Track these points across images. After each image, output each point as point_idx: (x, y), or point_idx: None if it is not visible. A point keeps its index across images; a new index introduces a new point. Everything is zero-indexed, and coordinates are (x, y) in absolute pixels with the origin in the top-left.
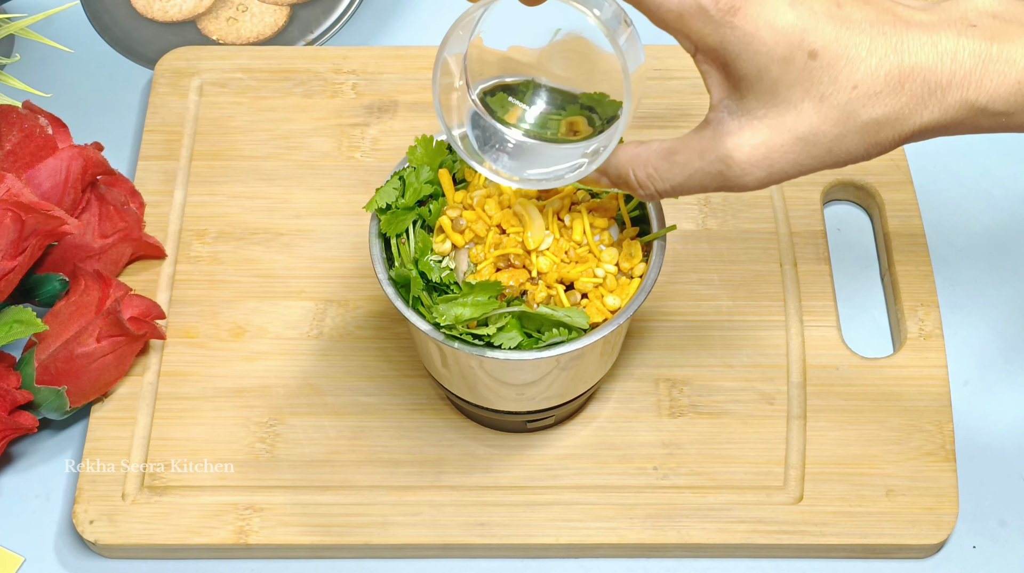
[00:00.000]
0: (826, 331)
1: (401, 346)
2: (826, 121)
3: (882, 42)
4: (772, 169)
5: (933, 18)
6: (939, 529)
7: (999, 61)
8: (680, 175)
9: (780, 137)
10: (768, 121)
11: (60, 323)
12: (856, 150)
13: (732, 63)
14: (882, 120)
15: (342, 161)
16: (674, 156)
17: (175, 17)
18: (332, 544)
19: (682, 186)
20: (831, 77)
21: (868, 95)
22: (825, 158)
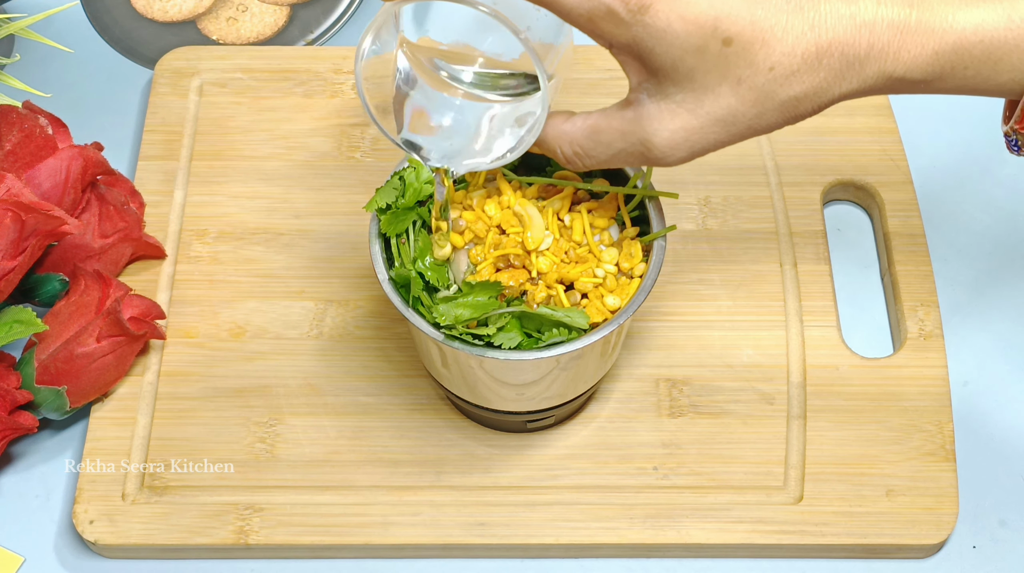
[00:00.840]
0: (826, 331)
1: (401, 346)
2: (744, 102)
3: (799, 19)
4: (693, 149)
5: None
6: (939, 529)
7: (917, 31)
8: (604, 153)
9: (699, 120)
10: (687, 105)
11: (60, 323)
12: (775, 123)
13: (647, 56)
14: (800, 96)
15: (342, 161)
16: (598, 135)
17: (175, 17)
18: (332, 544)
19: (608, 162)
20: (747, 61)
21: (785, 75)
22: (745, 133)
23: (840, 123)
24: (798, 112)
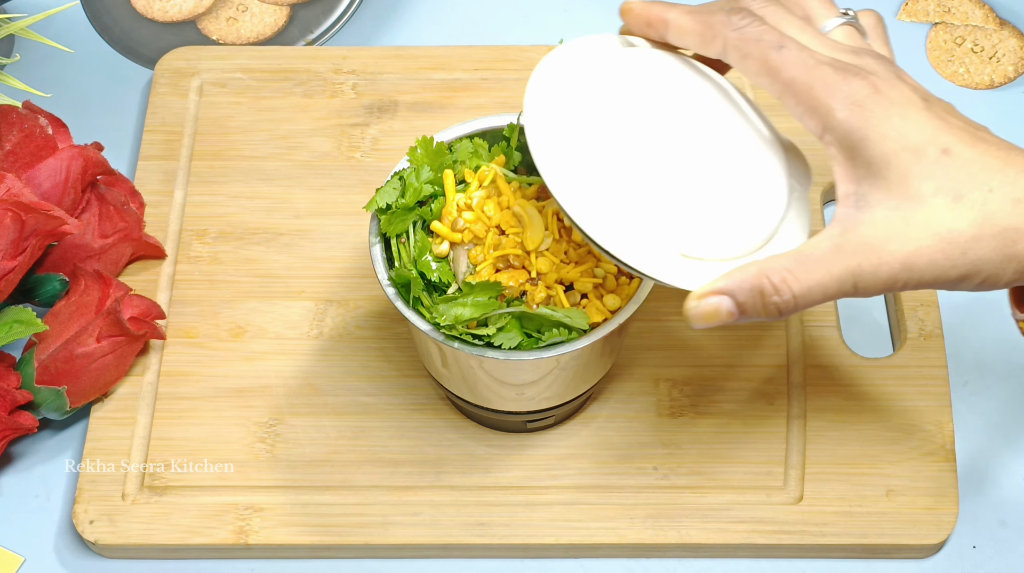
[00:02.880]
0: (826, 331)
1: (401, 346)
2: (960, 220)
3: (1020, 160)
4: (907, 262)
5: None
6: (939, 529)
7: None
8: (816, 274)
9: (914, 230)
10: (901, 213)
11: (60, 323)
12: (992, 258)
13: (859, 147)
14: (1021, 229)
15: (342, 161)
16: (807, 258)
17: (175, 17)
18: (332, 544)
19: (817, 286)
20: (967, 176)
21: (1005, 199)
22: (959, 261)
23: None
24: (1017, 250)
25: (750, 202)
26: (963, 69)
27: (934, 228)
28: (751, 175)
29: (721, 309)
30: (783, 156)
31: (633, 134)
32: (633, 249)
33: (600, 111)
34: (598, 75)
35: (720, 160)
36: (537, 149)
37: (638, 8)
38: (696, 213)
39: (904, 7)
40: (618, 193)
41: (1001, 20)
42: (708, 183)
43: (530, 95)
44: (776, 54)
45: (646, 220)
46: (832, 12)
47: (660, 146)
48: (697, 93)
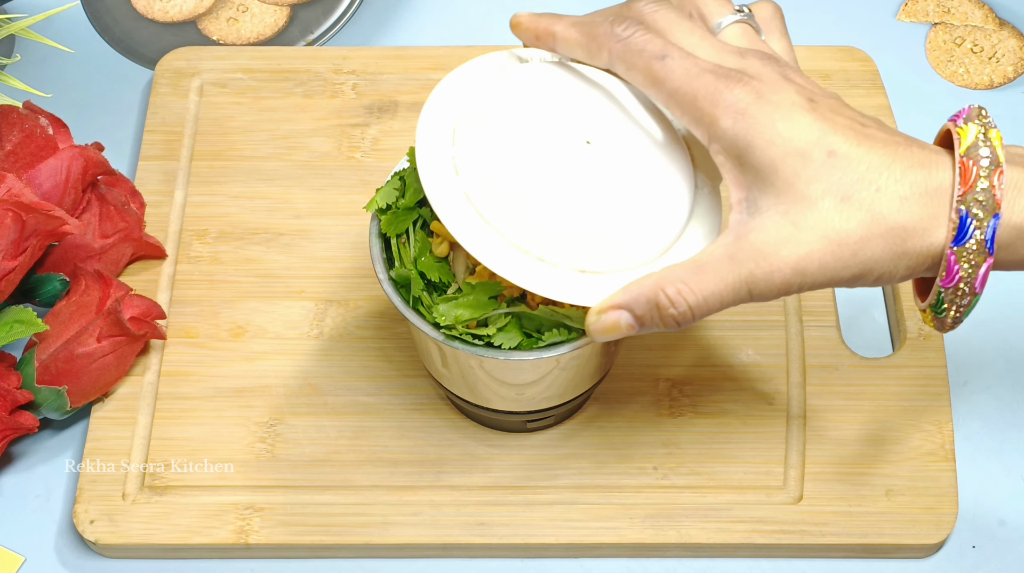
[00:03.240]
0: (826, 331)
1: (401, 346)
2: (849, 220)
3: (907, 155)
4: (798, 267)
5: None
6: (939, 529)
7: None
8: (711, 284)
9: (804, 234)
10: (790, 218)
11: (61, 323)
12: (883, 257)
13: (746, 153)
14: (909, 227)
15: (342, 161)
16: (702, 267)
17: (175, 17)
18: (332, 544)
19: (712, 295)
20: (853, 176)
21: (893, 197)
22: (850, 262)
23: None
24: (906, 248)
25: (648, 210)
26: (963, 69)
27: (823, 231)
28: (648, 182)
29: (620, 323)
30: (686, 156)
31: (523, 152)
32: (528, 270)
33: (491, 132)
34: (489, 96)
35: (615, 170)
36: (427, 175)
37: (526, 22)
38: (591, 227)
39: (904, 7)
40: (511, 214)
41: (1001, 20)
42: (602, 196)
43: (422, 123)
44: (659, 65)
45: (540, 239)
46: (725, 9)
47: (551, 162)
48: (590, 103)
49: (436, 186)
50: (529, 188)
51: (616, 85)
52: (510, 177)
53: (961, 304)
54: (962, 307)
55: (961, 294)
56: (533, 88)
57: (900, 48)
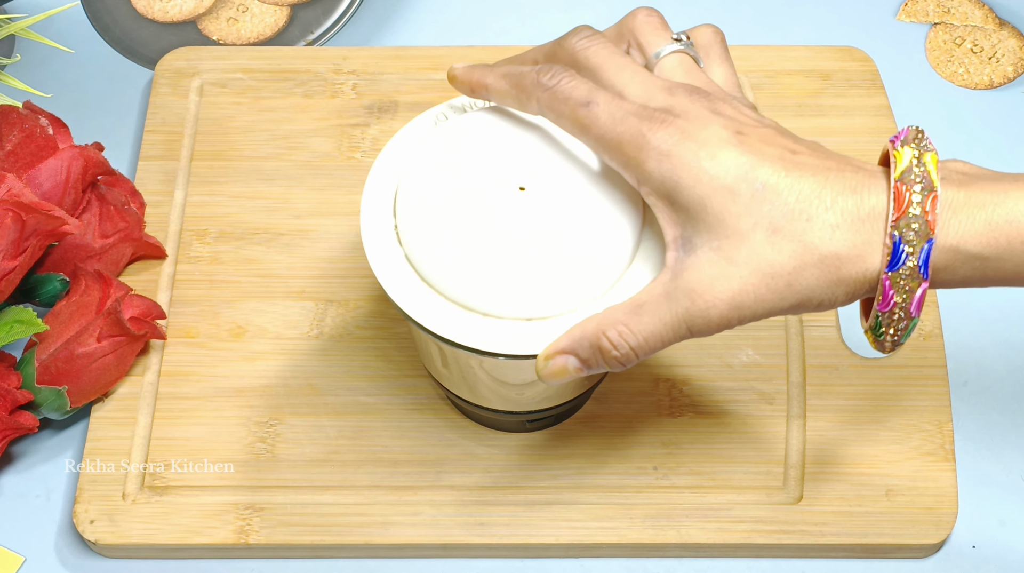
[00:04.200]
0: (826, 331)
1: (401, 346)
2: (781, 253)
3: (838, 181)
4: (734, 302)
5: None
6: (938, 529)
7: (968, 205)
8: (649, 324)
9: (737, 268)
10: (723, 253)
11: (61, 323)
12: (818, 285)
13: (674, 193)
14: (843, 255)
15: (342, 161)
16: (641, 308)
17: (175, 17)
18: (332, 544)
19: (652, 335)
20: (782, 210)
21: (823, 226)
22: (786, 293)
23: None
24: (842, 275)
25: (588, 250)
26: (962, 69)
27: (755, 264)
28: (587, 222)
29: (568, 367)
30: (630, 190)
31: (457, 210)
32: (473, 328)
33: (424, 196)
34: (422, 157)
35: (551, 214)
36: (370, 246)
37: (461, 75)
38: (531, 275)
39: (904, 7)
40: (452, 275)
41: (1001, 20)
42: (539, 241)
43: (365, 197)
44: (584, 111)
45: (483, 295)
46: (663, 39)
47: (485, 216)
48: (523, 149)
49: (379, 257)
50: (466, 246)
51: (550, 122)
52: (446, 238)
53: (899, 327)
54: (900, 330)
55: (898, 318)
56: (463, 142)
57: (900, 48)
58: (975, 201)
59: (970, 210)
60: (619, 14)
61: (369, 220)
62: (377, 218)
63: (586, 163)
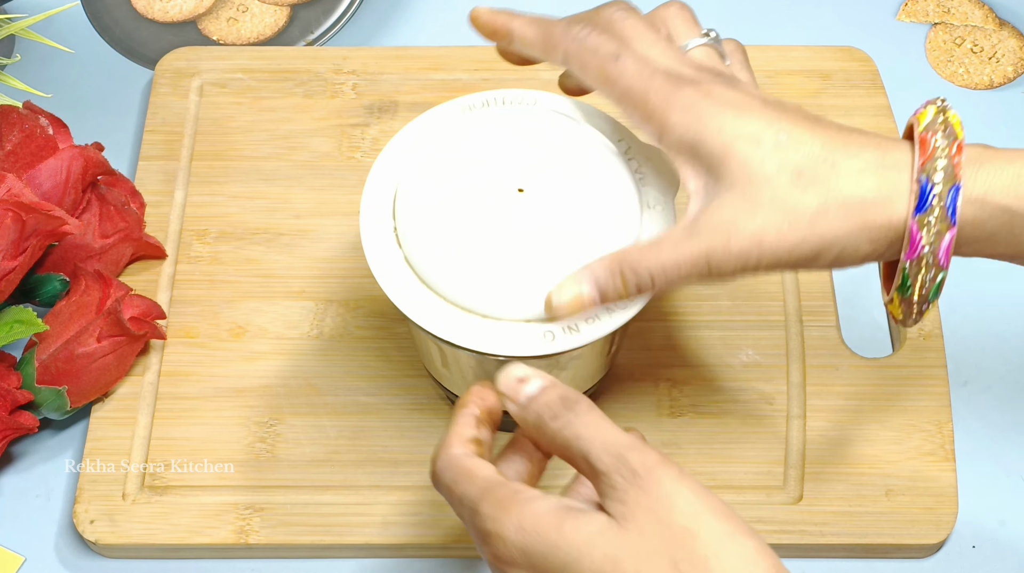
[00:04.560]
0: (826, 331)
1: (401, 346)
2: (805, 193)
3: (861, 138)
4: (755, 237)
5: None
6: (939, 529)
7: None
8: (670, 255)
9: (761, 208)
10: (747, 194)
11: (61, 323)
12: (841, 229)
13: (697, 144)
14: (868, 199)
15: (342, 161)
16: (661, 242)
17: (175, 17)
18: (332, 544)
19: (670, 264)
20: (807, 154)
21: (848, 171)
22: (808, 234)
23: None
24: (866, 219)
25: (586, 251)
26: (962, 69)
27: (779, 204)
28: (585, 221)
29: (583, 295)
30: (630, 185)
31: (455, 213)
32: (473, 329)
33: (423, 199)
34: (422, 159)
35: (549, 215)
36: (370, 249)
37: (484, 17)
38: (529, 277)
39: (904, 7)
40: (451, 277)
41: (1001, 20)
42: (537, 243)
43: (365, 198)
44: (612, 64)
45: (481, 296)
46: (693, 32)
47: (484, 219)
48: (521, 150)
49: (379, 259)
50: (465, 248)
51: (549, 122)
52: (445, 240)
53: (927, 279)
54: (928, 283)
55: (927, 267)
56: (461, 144)
57: (900, 48)
58: (1001, 158)
59: (997, 164)
60: None
61: (369, 223)
62: (376, 220)
63: (583, 165)
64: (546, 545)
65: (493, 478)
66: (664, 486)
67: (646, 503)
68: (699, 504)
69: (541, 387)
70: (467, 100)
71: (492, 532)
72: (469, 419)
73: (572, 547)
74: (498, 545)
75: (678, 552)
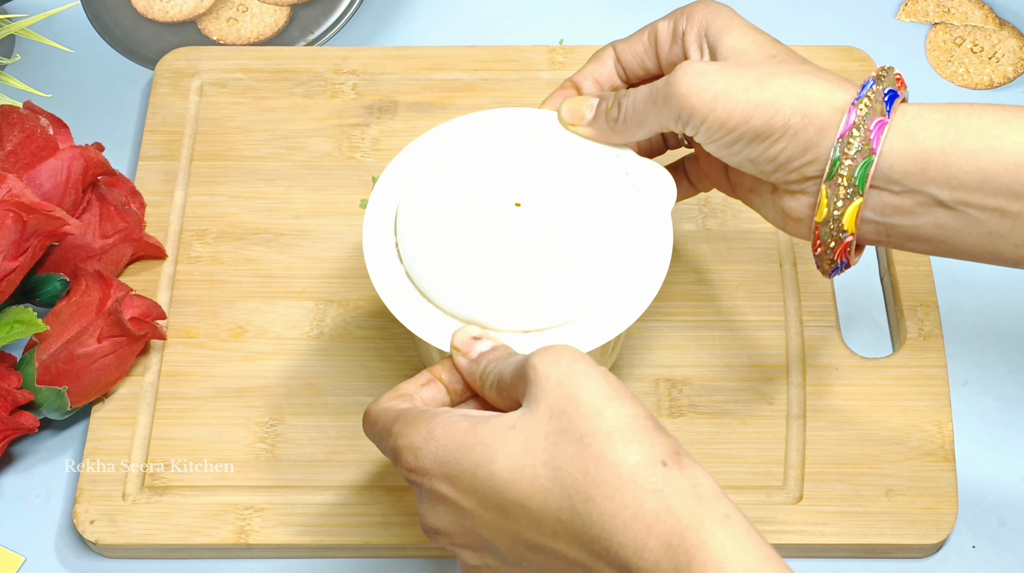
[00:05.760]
0: (825, 331)
1: (401, 346)
2: (760, 55)
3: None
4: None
5: None
6: (938, 529)
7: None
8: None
9: (729, 63)
10: (731, 59)
11: (61, 323)
12: (785, 104)
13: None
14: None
15: (342, 161)
16: (637, 91)
17: (175, 17)
18: (332, 544)
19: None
20: (787, 64)
21: (815, 76)
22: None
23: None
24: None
25: (582, 264)
26: (962, 69)
27: (739, 56)
28: (581, 234)
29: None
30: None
31: (454, 228)
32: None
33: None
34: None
35: (546, 229)
36: (372, 262)
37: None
38: (527, 289)
39: (904, 7)
40: (451, 290)
41: (1001, 20)
42: (535, 256)
43: (368, 214)
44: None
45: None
46: None
47: (482, 233)
48: (520, 164)
49: (381, 274)
50: (463, 263)
51: (551, 137)
52: (445, 255)
53: (855, 165)
54: (853, 172)
55: (856, 153)
56: (460, 161)
57: (900, 48)
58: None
59: (930, 107)
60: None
61: (371, 238)
62: (379, 236)
63: (580, 179)
64: (458, 448)
65: (406, 406)
66: (575, 366)
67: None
68: (607, 388)
69: (492, 346)
70: (468, 119)
71: (403, 446)
72: (408, 384)
73: (486, 445)
74: (409, 457)
75: (584, 427)
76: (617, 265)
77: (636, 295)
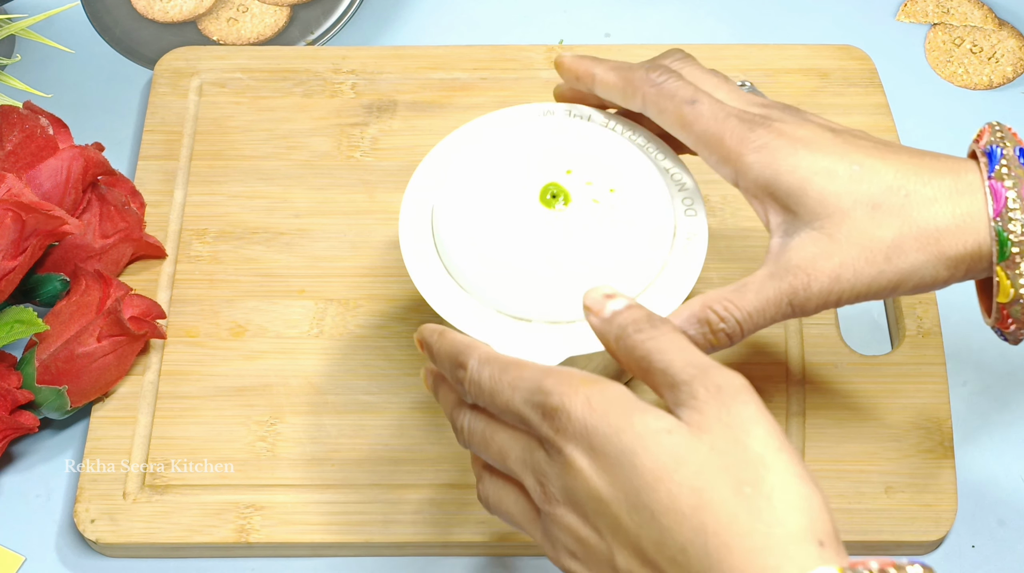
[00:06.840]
0: (825, 329)
1: (401, 345)
2: (881, 227)
3: (932, 163)
4: (834, 274)
5: None
6: (938, 526)
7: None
8: (754, 300)
9: (839, 245)
10: (825, 231)
11: (61, 323)
12: (917, 259)
13: (773, 182)
14: (942, 228)
15: (342, 161)
16: (744, 286)
17: (175, 17)
18: (333, 542)
19: (756, 310)
20: (881, 184)
21: (922, 201)
22: (885, 267)
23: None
24: (941, 248)
25: (617, 265)
26: (962, 70)
27: (856, 239)
28: (618, 238)
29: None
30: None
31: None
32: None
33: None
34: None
35: (584, 230)
36: (409, 254)
37: (568, 63)
38: (563, 284)
39: (903, 7)
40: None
41: (1000, 21)
42: (572, 255)
43: (404, 208)
44: (689, 108)
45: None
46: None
47: (520, 230)
48: (561, 161)
49: (419, 266)
50: (502, 257)
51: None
52: (484, 249)
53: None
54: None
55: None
56: (496, 157)
57: (899, 48)
58: None
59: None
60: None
61: (408, 229)
62: (416, 227)
63: (617, 175)
64: (611, 428)
65: (549, 365)
66: (747, 409)
67: (726, 419)
68: (777, 439)
69: (627, 305)
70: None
71: (558, 406)
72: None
73: (637, 436)
74: (562, 419)
75: (746, 475)
76: (650, 271)
77: (663, 299)
